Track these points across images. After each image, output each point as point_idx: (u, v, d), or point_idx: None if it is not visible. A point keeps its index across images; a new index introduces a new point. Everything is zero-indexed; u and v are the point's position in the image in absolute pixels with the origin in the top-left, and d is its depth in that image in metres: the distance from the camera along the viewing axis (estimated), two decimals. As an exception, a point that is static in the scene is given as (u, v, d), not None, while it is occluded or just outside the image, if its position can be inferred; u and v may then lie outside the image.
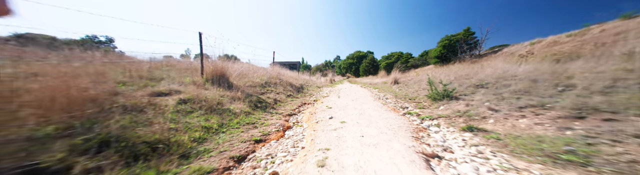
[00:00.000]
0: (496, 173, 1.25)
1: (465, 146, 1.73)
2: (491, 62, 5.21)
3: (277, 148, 1.88)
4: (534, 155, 1.36)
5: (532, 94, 2.30)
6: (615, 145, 1.23)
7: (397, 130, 2.18)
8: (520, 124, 1.83)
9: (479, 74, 4.26)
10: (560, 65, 3.10)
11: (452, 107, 2.90)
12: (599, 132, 1.40)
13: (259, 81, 4.89)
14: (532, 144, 1.46)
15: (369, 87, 8.35)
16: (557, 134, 1.53)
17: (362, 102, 4.04)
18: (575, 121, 1.61)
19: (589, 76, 2.20)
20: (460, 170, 1.35)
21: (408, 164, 1.39)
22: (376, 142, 1.82)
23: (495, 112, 2.22)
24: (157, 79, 3.21)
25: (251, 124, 2.51)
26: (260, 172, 1.42)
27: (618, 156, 1.14)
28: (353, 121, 2.56)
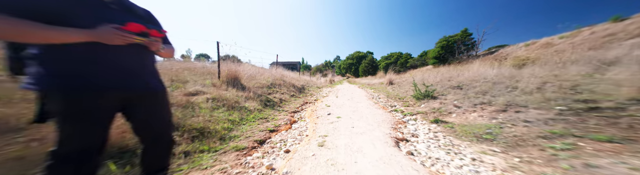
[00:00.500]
0: (439, 148, 1.84)
1: (428, 133, 2.32)
2: (474, 66, 5.79)
3: (287, 135, 2.47)
4: (468, 136, 1.94)
5: (487, 94, 2.89)
6: (512, 128, 1.81)
7: (381, 123, 2.77)
8: (470, 117, 2.41)
9: (459, 77, 4.86)
10: (518, 70, 3.69)
11: (430, 105, 3.49)
12: (509, 119, 1.99)
13: (265, 83, 5.48)
14: (470, 130, 2.04)
15: (366, 88, 8.94)
16: (487, 122, 2.12)
17: (357, 101, 4.63)
18: (500, 113, 2.20)
19: (529, 80, 2.78)
20: (417, 147, 1.94)
21: (382, 144, 1.98)
22: (363, 131, 2.41)
23: (458, 109, 2.80)
24: (183, 81, 3.81)
25: (264, 119, 3.10)
26: (277, 149, 2.00)
27: (510, 134, 1.72)
28: (347, 116, 3.14)
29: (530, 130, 1.74)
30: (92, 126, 0.86)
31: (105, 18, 0.83)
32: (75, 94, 0.80)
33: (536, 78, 2.76)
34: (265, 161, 1.70)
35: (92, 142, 0.87)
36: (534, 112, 2.00)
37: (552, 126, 1.76)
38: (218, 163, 1.61)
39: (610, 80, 2.07)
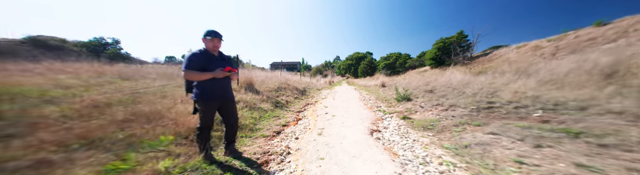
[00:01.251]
0: (397, 135, 2.78)
1: (395, 126, 3.26)
2: (448, 72, 6.72)
3: (295, 128, 3.40)
4: (418, 127, 2.88)
5: (444, 97, 3.82)
6: (444, 121, 2.75)
7: (365, 119, 3.70)
8: (426, 114, 3.35)
9: (434, 82, 5.80)
10: (475, 77, 4.63)
11: (406, 105, 4.42)
12: (445, 116, 2.92)
13: (273, 87, 6.42)
14: (421, 123, 2.98)
15: (361, 90, 9.87)
16: (433, 117, 3.05)
17: (350, 102, 5.57)
18: (443, 111, 3.13)
19: (474, 87, 3.71)
20: (384, 135, 2.87)
21: (361, 133, 2.91)
22: (350, 125, 3.34)
23: (421, 108, 3.74)
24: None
25: (276, 117, 4.03)
26: (290, 137, 2.93)
27: (441, 125, 2.66)
28: (340, 115, 4.08)
29: (452, 122, 2.68)
30: (211, 115, 1.83)
31: (217, 65, 1.79)
32: (205, 100, 1.78)
33: (478, 85, 3.71)
34: (283, 143, 2.64)
35: (210, 122, 1.86)
36: (459, 110, 2.94)
37: (462, 118, 2.70)
38: (254, 143, 2.55)
39: (510, 89, 3.00)
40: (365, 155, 2.09)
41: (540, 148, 1.79)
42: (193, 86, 1.82)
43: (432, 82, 6.05)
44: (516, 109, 2.60)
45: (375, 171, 1.76)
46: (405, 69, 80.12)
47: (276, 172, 1.84)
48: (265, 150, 2.33)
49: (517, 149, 1.85)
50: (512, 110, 2.61)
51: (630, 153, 1.54)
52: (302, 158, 2.10)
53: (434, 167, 1.86)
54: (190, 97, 1.86)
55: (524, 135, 2.02)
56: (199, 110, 1.84)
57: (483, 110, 2.70)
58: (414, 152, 2.24)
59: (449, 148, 2.17)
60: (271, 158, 2.14)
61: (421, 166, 1.90)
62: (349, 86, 15.74)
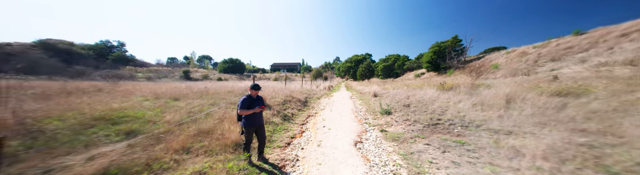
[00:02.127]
0: (373, 145, 3.94)
1: (374, 137, 4.42)
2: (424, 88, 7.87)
3: (300, 140, 4.56)
4: (390, 139, 4.05)
5: (414, 112, 4.98)
6: (407, 134, 3.91)
7: (352, 132, 4.86)
8: (398, 128, 4.51)
9: (413, 96, 6.96)
10: (442, 94, 5.80)
11: (386, 119, 5.59)
12: (408, 130, 4.09)
13: (280, 100, 7.59)
14: (393, 135, 4.15)
15: (356, 99, 11.03)
16: (401, 131, 4.22)
17: (344, 115, 6.73)
18: (408, 126, 4.29)
19: (436, 104, 4.86)
20: (364, 145, 4.03)
21: (348, 144, 4.08)
22: (341, 138, 4.51)
23: (396, 122, 4.91)
24: (233, 102, 5.91)
25: (285, 130, 5.20)
26: (297, 147, 4.10)
27: (404, 137, 3.83)
28: (335, 128, 5.24)
29: (410, 135, 3.85)
30: (251, 135, 3.03)
31: (256, 104, 2.99)
32: (248, 126, 3.01)
33: (439, 102, 4.88)
34: (293, 152, 3.80)
35: (251, 140, 3.08)
36: (418, 125, 4.10)
37: (417, 132, 3.86)
38: (273, 152, 3.71)
39: (455, 108, 4.16)
40: (348, 161, 3.26)
41: (444, 153, 2.97)
42: (242, 117, 3.00)
43: (411, 96, 7.22)
44: (449, 126, 3.76)
45: (352, 171, 2.92)
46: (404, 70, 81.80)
47: (291, 173, 3.00)
48: (282, 157, 3.50)
49: (434, 154, 3.02)
50: (446, 126, 3.77)
51: (476, 153, 2.71)
52: (307, 163, 3.27)
53: (389, 168, 3.03)
54: (240, 124, 3.05)
55: (442, 145, 3.19)
56: (245, 132, 3.03)
57: (430, 126, 3.87)
58: (381, 157, 3.40)
59: (402, 154, 3.33)
60: (286, 163, 3.31)
61: (382, 168, 3.07)
62: (346, 92, 16.86)
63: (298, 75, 78.99)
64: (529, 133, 3.29)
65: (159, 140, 3.21)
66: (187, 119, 4.15)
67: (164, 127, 3.61)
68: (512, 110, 4.17)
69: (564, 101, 4.19)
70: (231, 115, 4.70)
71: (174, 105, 5.27)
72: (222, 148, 3.33)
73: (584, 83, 5.39)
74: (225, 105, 5.66)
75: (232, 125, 4.16)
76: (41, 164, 2.17)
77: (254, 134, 3.20)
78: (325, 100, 10.40)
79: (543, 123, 3.51)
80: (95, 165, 2.24)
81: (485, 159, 2.76)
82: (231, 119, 4.51)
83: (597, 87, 4.73)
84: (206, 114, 4.66)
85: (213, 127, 3.91)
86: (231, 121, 4.40)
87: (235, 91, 7.78)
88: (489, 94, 4.91)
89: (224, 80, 58.34)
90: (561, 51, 19.60)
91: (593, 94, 4.33)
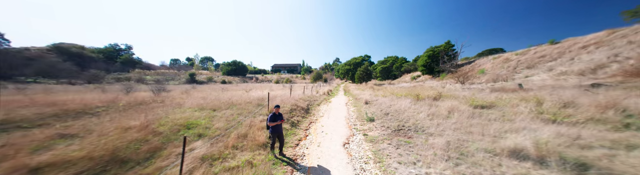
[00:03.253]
0: (356, 145, 5.68)
1: (358, 139, 6.16)
2: (402, 99, 9.61)
3: (306, 142, 6.31)
4: (369, 141, 5.78)
5: (389, 120, 6.71)
6: (380, 137, 5.65)
7: (343, 136, 6.61)
8: (375, 133, 6.24)
9: (394, 106, 8.70)
10: (413, 105, 7.53)
11: (369, 125, 7.33)
12: (381, 134, 5.83)
13: (288, 109, 9.33)
14: (371, 138, 5.88)
15: (350, 105, 12.77)
16: (377, 135, 5.95)
17: (338, 122, 8.46)
18: (383, 131, 6.02)
19: (406, 113, 6.59)
20: (350, 146, 5.78)
21: (339, 145, 5.84)
22: (334, 140, 6.26)
23: (376, 128, 6.64)
24: (252, 111, 7.65)
25: (294, 134, 6.93)
26: (303, 147, 5.84)
27: (378, 139, 5.57)
28: (330, 133, 6.98)
29: (382, 138, 5.57)
30: (275, 139, 4.85)
31: (278, 119, 4.77)
32: (273, 133, 4.82)
33: (408, 112, 6.62)
34: (301, 151, 5.54)
35: (274, 142, 4.88)
36: (389, 131, 5.84)
37: (386, 136, 5.60)
38: (288, 150, 5.45)
39: (416, 117, 5.91)
40: (338, 156, 5.00)
41: (397, 149, 4.71)
42: (268, 127, 4.75)
43: (392, 105, 8.97)
44: (407, 131, 5.49)
45: (339, 162, 4.66)
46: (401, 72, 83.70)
47: (300, 163, 4.74)
48: (294, 153, 5.23)
49: (391, 150, 4.77)
50: (405, 131, 5.50)
51: (413, 148, 4.45)
52: (310, 157, 5.02)
53: (363, 160, 4.77)
54: (268, 131, 4.80)
55: (397, 144, 4.94)
56: (271, 137, 4.77)
57: (396, 131, 5.60)
58: (359, 153, 5.14)
59: (373, 151, 5.07)
60: (297, 157, 5.04)
61: (358, 159, 4.81)
62: (343, 97, 18.57)
63: (298, 77, 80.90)
64: (445, 134, 5.05)
65: (217, 140, 4.95)
66: (229, 126, 5.91)
67: (218, 132, 5.37)
68: (449, 119, 5.89)
69: (479, 112, 5.94)
70: (257, 123, 6.46)
71: (215, 115, 7.05)
72: (256, 147, 5.08)
73: (494, 100, 7.21)
74: (249, 115, 7.42)
75: (259, 131, 5.91)
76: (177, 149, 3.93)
77: (276, 138, 4.94)
78: (324, 107, 12.15)
79: (457, 128, 5.27)
80: (201, 152, 4.00)
81: (415, 151, 4.50)
82: (257, 126, 6.27)
83: (500, 102, 6.51)
84: (238, 122, 6.41)
85: (247, 132, 5.66)
86: (257, 128, 6.15)
87: (252, 102, 9.52)
88: (442, 105, 6.62)
89: (227, 82, 60.12)
90: (536, 59, 21.44)
91: (497, 107, 6.10)
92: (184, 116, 6.51)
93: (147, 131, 4.88)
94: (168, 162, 3.93)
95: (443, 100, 8.51)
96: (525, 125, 5.21)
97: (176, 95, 11.53)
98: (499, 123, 5.46)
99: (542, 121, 5.51)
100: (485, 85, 22.06)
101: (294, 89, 26.90)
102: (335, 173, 4.03)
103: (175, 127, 5.50)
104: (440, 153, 4.25)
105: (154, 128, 5.22)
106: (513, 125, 5.21)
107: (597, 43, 16.67)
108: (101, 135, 4.61)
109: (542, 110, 6.16)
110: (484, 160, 3.91)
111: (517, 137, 4.51)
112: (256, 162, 4.33)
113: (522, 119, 5.65)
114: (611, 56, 13.54)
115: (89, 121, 5.83)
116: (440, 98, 9.11)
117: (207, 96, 10.98)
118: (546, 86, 13.10)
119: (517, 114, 6.07)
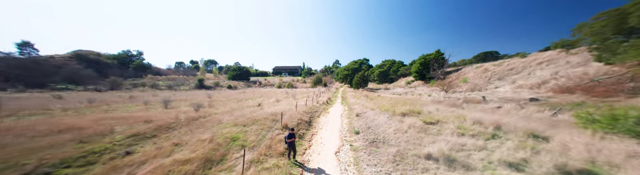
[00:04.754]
0: (345, 153, 8.39)
1: (346, 148, 8.87)
2: (383, 114, 12.32)
3: (309, 151, 9.02)
4: (353, 150, 8.48)
5: (369, 133, 9.39)
6: (360, 147, 8.36)
7: (335, 146, 9.31)
8: (358, 143, 8.92)
9: (375, 120, 11.42)
10: (389, 119, 10.23)
11: (355, 137, 10.03)
12: (362, 145, 8.52)
13: (294, 124, 12.03)
14: (354, 148, 8.58)
15: (344, 117, 15.45)
16: (359, 145, 8.64)
17: (333, 134, 11.14)
18: (362, 142, 8.70)
19: (381, 128, 9.25)
20: (340, 153, 8.50)
21: (331, 153, 8.56)
22: (329, 149, 8.98)
23: (359, 140, 9.33)
24: (270, 126, 10.37)
25: (301, 145, 9.63)
26: (309, 155, 8.55)
27: (359, 148, 8.29)
28: (327, 144, 9.67)
29: (361, 147, 8.25)
30: (289, 150, 7.58)
31: (292, 137, 7.49)
32: (288, 146, 7.50)
33: (383, 127, 9.32)
34: (306, 157, 8.25)
35: (289, 152, 7.60)
36: (366, 142, 8.51)
37: (364, 146, 8.29)
38: (298, 157, 8.16)
39: (387, 131, 8.63)
40: (330, 161, 7.73)
41: (368, 155, 7.42)
42: (286, 142, 7.45)
43: (375, 119, 11.69)
44: (377, 143, 8.19)
45: (331, 165, 7.38)
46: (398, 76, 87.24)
47: (307, 166, 7.44)
48: (302, 160, 7.94)
49: (364, 156, 7.48)
50: (377, 143, 8.19)
51: (377, 154, 7.16)
52: (312, 163, 7.73)
53: (347, 163, 7.47)
54: (286, 144, 7.49)
55: (369, 152, 7.65)
56: (287, 148, 7.49)
57: (371, 142, 8.30)
58: (345, 159, 7.84)
59: (353, 157, 7.77)
60: (304, 162, 7.74)
61: (344, 163, 7.51)
62: (340, 107, 21.24)
63: (299, 80, 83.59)
64: (399, 145, 7.76)
65: (252, 150, 7.66)
66: (258, 139, 8.63)
67: (253, 144, 8.09)
68: (406, 133, 8.59)
69: (427, 127, 8.64)
70: (275, 137, 9.18)
71: (246, 130, 9.77)
72: (278, 155, 7.78)
73: (440, 117, 9.95)
74: (269, 129, 10.14)
75: (278, 143, 8.62)
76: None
77: (291, 149, 7.63)
78: (323, 119, 14.85)
79: (407, 140, 7.99)
80: (248, 157, 6.72)
81: (378, 157, 7.20)
82: (276, 139, 8.98)
83: (443, 119, 9.24)
84: (263, 136, 9.14)
85: (271, 144, 8.37)
86: (277, 140, 8.87)
87: (269, 118, 12.23)
88: (406, 121, 9.27)
89: (233, 87, 62.90)
90: (506, 71, 24.09)
91: (440, 123, 8.82)
92: (227, 131, 9.24)
93: (214, 143, 7.60)
94: (234, 162, 6.64)
95: (410, 116, 11.20)
96: (444, 137, 7.94)
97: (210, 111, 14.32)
98: (433, 136, 8.16)
99: (456, 134, 8.26)
100: (464, 94, 24.72)
101: (297, 95, 29.51)
102: (329, 172, 6.74)
103: (226, 139, 8.23)
104: (391, 158, 6.96)
105: (217, 140, 7.95)
106: (438, 138, 7.95)
107: (549, 60, 19.33)
108: (191, 145, 7.37)
109: (460, 126, 8.91)
110: (413, 161, 6.63)
111: (434, 146, 7.24)
112: (281, 165, 7.03)
113: (446, 133, 8.38)
114: (553, 73, 16.23)
115: (173, 134, 8.61)
116: (409, 113, 11.82)
117: (233, 112, 13.74)
118: (504, 98, 15.74)
119: (445, 129, 8.81)
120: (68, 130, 9.00)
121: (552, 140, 7.64)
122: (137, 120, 10.98)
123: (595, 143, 6.94)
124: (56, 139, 7.94)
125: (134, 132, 9.09)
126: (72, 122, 10.10)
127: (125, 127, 9.83)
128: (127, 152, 7.14)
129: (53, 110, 15.03)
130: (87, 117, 11.83)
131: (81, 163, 6.38)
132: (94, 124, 10.01)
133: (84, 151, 7.11)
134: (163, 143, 7.82)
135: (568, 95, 12.39)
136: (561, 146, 7.02)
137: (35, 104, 17.76)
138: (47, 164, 6.04)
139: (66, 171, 5.85)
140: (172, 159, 6.40)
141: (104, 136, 8.55)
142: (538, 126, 8.95)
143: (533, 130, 8.52)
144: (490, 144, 7.47)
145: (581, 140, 7.13)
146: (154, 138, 8.82)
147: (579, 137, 7.54)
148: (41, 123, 10.05)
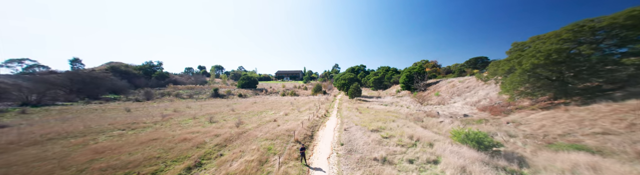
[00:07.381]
0: (332, 159, 14.09)
1: (334, 155, 14.57)
2: (362, 129, 18.09)
3: (312, 157, 14.72)
4: (339, 156, 14.17)
5: (349, 145, 15.01)
6: (344, 155, 14.01)
7: (327, 154, 15.02)
8: (342, 152, 14.58)
9: (355, 134, 17.15)
10: (362, 134, 15.90)
11: (341, 147, 15.70)
12: (344, 153, 14.17)
13: (301, 138, 17.72)
14: (340, 155, 14.26)
15: (337, 131, 21.10)
16: (342, 153, 14.30)
17: (326, 144, 16.79)
18: (345, 151, 14.34)
19: (361, 140, 14.89)
20: (330, 159, 14.22)
21: (324, 158, 14.30)
22: (324, 156, 14.72)
23: (342, 150, 14.97)
24: (287, 140, 16.10)
25: (307, 153, 15.32)
26: (312, 160, 14.27)
27: (343, 156, 13.97)
28: (323, 153, 15.36)
29: (343, 154, 13.88)
30: (302, 156, 13.37)
31: (304, 149, 13.27)
32: (300, 152, 13.31)
33: (358, 141, 15.00)
34: (311, 161, 13.96)
35: (301, 158, 13.41)
36: (346, 151, 14.15)
37: (344, 154, 13.95)
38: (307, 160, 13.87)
39: (359, 144, 14.33)
40: (324, 164, 13.45)
41: (346, 160, 13.14)
42: (300, 152, 13.16)
43: (356, 134, 17.44)
44: (353, 152, 13.82)
45: (324, 166, 13.10)
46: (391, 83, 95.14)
47: (312, 167, 13.14)
48: (309, 163, 13.64)
49: (344, 161, 13.17)
50: (353, 152, 13.81)
51: (356, 161, 12.86)
52: (314, 164, 13.44)
53: (333, 164, 13.17)
54: (299, 153, 13.21)
55: (347, 158, 13.33)
56: (300, 155, 13.21)
57: (349, 151, 13.95)
58: (333, 161, 13.53)
59: (337, 161, 13.45)
60: (310, 164, 13.43)
61: (333, 164, 13.21)
62: (334, 120, 26.92)
63: (301, 87, 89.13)
64: (361, 153, 13.45)
65: (281, 155, 13.38)
66: (283, 149, 14.37)
67: (280, 152, 13.82)
68: (369, 145, 14.24)
69: (383, 140, 14.35)
70: (291, 147, 14.90)
71: (274, 142, 15.50)
72: (294, 159, 13.48)
73: (393, 132, 15.73)
74: (287, 143, 15.90)
75: (294, 152, 14.35)
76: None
77: (302, 156, 13.30)
78: (321, 133, 20.51)
79: (369, 149, 13.69)
80: (282, 159, 12.47)
81: (350, 160, 12.85)
82: (293, 149, 14.71)
83: (394, 135, 14.98)
84: (284, 147, 14.87)
85: (290, 152, 14.08)
86: (292, 150, 14.58)
87: (286, 133, 17.92)
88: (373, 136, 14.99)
89: (243, 95, 68.70)
90: (464, 89, 29.37)
91: (391, 137, 14.56)
92: (263, 143, 14.94)
93: (260, 151, 13.30)
94: (272, 163, 12.35)
95: (377, 132, 16.91)
96: (388, 147, 13.61)
97: (246, 127, 20.17)
98: (382, 146, 13.79)
99: (395, 145, 13.94)
100: (432, 107, 30.24)
101: (301, 108, 35.17)
102: (324, 169, 12.42)
103: (265, 149, 13.96)
104: (356, 160, 12.64)
105: (260, 149, 13.68)
106: (384, 147, 13.62)
107: (487, 82, 24.92)
108: (248, 152, 13.12)
109: (400, 139, 14.63)
110: (367, 162, 12.31)
111: (380, 152, 12.94)
112: (297, 165, 12.71)
113: (390, 144, 14.05)
114: (485, 94, 21.89)
115: (235, 144, 14.41)
116: (377, 129, 17.56)
117: (261, 128, 19.62)
118: (452, 113, 21.28)
119: (391, 142, 14.51)
120: (183, 141, 15.02)
121: (437, 146, 13.43)
122: (211, 134, 17.04)
123: (454, 148, 12.73)
124: (185, 145, 13.89)
125: (215, 142, 14.94)
126: (180, 135, 16.20)
127: (209, 139, 15.76)
128: (221, 154, 12.95)
129: (146, 123, 20.96)
130: (182, 131, 18.00)
131: (207, 158, 12.27)
132: (192, 137, 16.05)
133: (203, 153, 12.96)
134: (233, 150, 13.59)
135: (483, 113, 17.78)
136: (440, 150, 12.79)
137: (124, 117, 24.00)
138: (193, 157, 11.91)
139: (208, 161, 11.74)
140: (244, 159, 12.11)
141: (205, 144, 14.50)
142: (439, 138, 14.68)
143: (432, 141, 14.28)
144: (409, 150, 13.13)
145: (448, 147, 12.94)
146: (226, 147, 14.62)
147: (449, 145, 13.34)
148: (165, 135, 16.15)
